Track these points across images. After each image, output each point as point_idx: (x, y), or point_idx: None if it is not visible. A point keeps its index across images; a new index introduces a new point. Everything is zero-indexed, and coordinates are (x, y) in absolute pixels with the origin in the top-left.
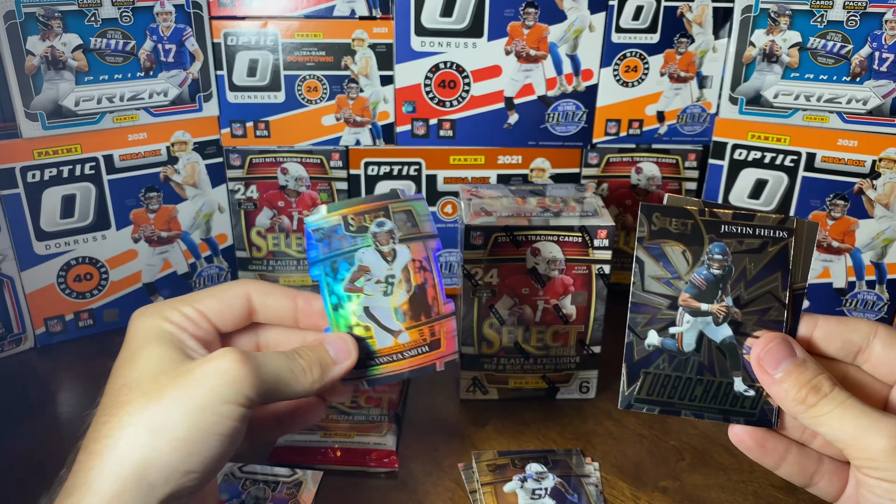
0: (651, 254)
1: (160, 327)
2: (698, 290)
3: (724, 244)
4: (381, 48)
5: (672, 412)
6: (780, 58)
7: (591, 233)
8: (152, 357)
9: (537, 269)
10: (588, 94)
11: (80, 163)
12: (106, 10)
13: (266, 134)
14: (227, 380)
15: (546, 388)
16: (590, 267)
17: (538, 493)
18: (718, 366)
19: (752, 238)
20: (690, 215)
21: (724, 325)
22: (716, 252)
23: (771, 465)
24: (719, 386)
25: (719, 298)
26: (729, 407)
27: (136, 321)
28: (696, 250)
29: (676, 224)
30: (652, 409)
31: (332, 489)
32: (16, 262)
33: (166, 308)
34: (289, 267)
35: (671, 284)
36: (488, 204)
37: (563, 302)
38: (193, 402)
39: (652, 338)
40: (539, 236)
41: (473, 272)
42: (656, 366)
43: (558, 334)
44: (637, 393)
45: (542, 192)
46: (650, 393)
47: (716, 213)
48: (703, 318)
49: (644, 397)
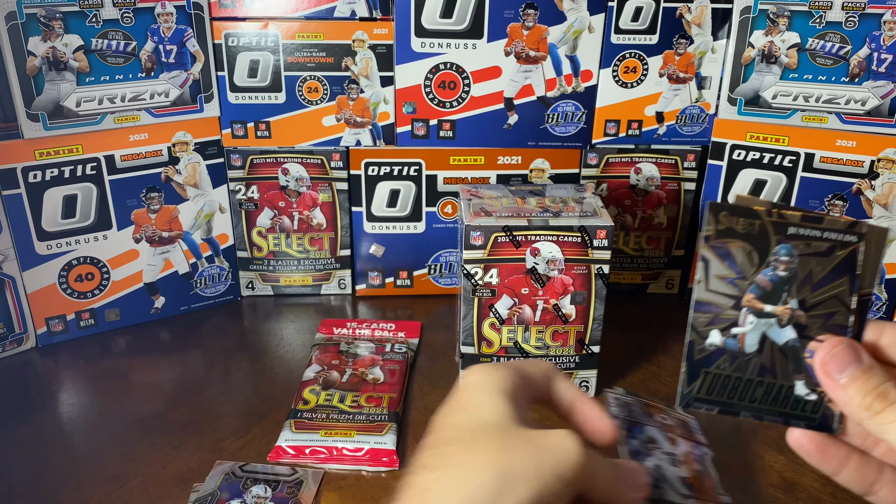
0: (717, 253)
1: (500, 382)
2: (763, 291)
3: (792, 246)
4: (382, 49)
5: (731, 413)
6: (779, 58)
7: (591, 233)
8: (496, 406)
9: (537, 269)
10: (587, 94)
11: (81, 163)
12: (107, 10)
13: (267, 134)
14: (570, 462)
15: None
16: (589, 267)
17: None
18: (780, 368)
19: (820, 241)
20: (758, 216)
21: (787, 328)
22: (782, 254)
23: (830, 470)
24: (780, 389)
25: (784, 300)
26: (789, 410)
27: (476, 374)
28: (762, 251)
29: (743, 224)
30: (711, 408)
31: (332, 488)
32: (17, 261)
33: (502, 367)
34: (289, 267)
35: (736, 284)
36: (488, 204)
37: (562, 302)
38: (540, 468)
39: (714, 337)
40: (539, 236)
41: (473, 272)
42: (717, 366)
43: (558, 334)
44: (697, 392)
45: (541, 192)
46: (710, 393)
47: (784, 215)
48: (766, 320)
49: (703, 397)
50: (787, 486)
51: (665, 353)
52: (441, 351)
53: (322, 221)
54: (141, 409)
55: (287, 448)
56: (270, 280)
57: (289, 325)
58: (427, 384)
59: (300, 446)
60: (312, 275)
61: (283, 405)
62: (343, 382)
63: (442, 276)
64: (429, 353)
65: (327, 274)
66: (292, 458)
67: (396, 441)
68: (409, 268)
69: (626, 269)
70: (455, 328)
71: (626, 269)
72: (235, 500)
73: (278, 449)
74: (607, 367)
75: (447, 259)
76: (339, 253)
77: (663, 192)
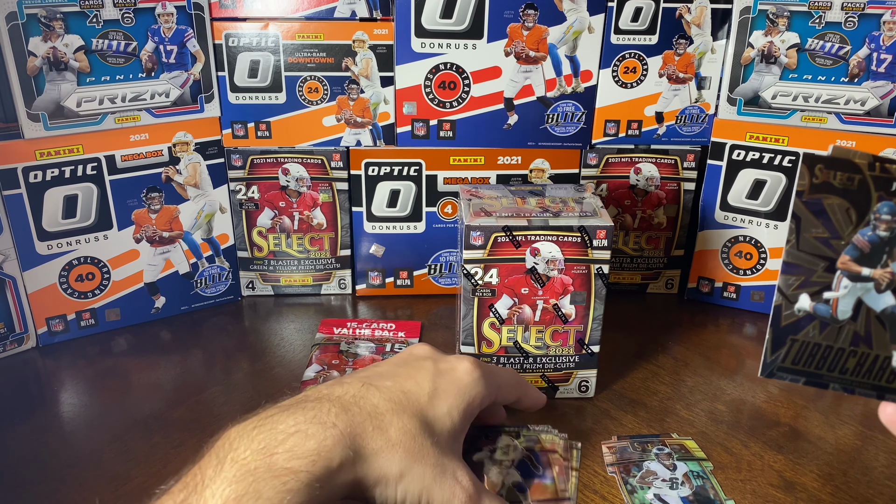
0: (810, 209)
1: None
2: (861, 252)
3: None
4: (382, 49)
5: (819, 384)
6: (779, 59)
7: (590, 233)
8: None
9: (536, 269)
10: (587, 95)
11: (81, 163)
12: (107, 11)
13: (267, 135)
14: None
15: (545, 387)
16: (589, 267)
17: (505, 465)
18: (876, 337)
19: None
20: (858, 169)
21: (887, 293)
22: (884, 212)
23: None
24: (875, 359)
25: (884, 263)
26: (885, 384)
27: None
28: (861, 209)
29: (841, 178)
30: (796, 379)
31: None
32: (18, 261)
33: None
34: (289, 267)
35: (830, 245)
36: (488, 204)
37: (562, 301)
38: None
39: (803, 302)
40: (538, 236)
41: (473, 272)
42: (805, 333)
43: (557, 333)
44: (782, 361)
45: (541, 192)
46: (796, 362)
47: (887, 169)
48: (863, 284)
49: (789, 366)
50: (787, 486)
51: (665, 353)
52: (441, 351)
53: (322, 221)
54: (141, 409)
55: None
56: (271, 280)
57: (289, 325)
58: None
59: None
60: (313, 275)
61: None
62: None
63: (442, 276)
64: None
65: (327, 274)
66: None
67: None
68: (409, 268)
69: (626, 269)
70: (455, 328)
71: (625, 269)
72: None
73: None
74: (607, 366)
75: (447, 259)
76: (339, 253)
77: (663, 193)
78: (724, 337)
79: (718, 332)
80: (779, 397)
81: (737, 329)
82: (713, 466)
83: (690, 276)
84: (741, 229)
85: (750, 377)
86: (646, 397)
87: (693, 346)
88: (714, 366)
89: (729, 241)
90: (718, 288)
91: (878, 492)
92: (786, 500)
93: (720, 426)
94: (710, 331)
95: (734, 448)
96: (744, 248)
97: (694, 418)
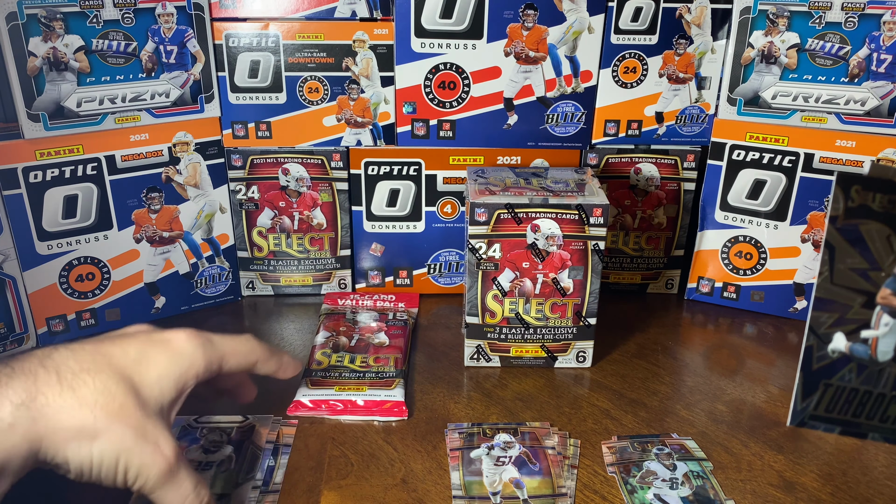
0: (845, 237)
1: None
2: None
3: None
4: (382, 49)
5: (856, 434)
6: (779, 59)
7: (587, 211)
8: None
9: (537, 245)
10: (587, 95)
11: (81, 163)
12: (108, 11)
13: (267, 135)
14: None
15: (545, 357)
16: (586, 243)
17: (502, 461)
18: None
19: None
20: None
21: None
22: None
23: None
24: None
25: None
26: None
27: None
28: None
29: (881, 201)
30: (830, 428)
31: (332, 488)
32: (18, 261)
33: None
34: (289, 267)
35: (868, 277)
36: (493, 183)
37: (560, 275)
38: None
39: (838, 342)
40: (539, 213)
41: (478, 246)
42: (841, 377)
43: (556, 306)
44: (814, 408)
45: (543, 174)
46: (830, 409)
47: None
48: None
49: (822, 414)
50: (787, 486)
51: (665, 353)
52: (442, 351)
53: (322, 221)
54: None
55: (306, 402)
56: (271, 280)
57: (289, 325)
58: (427, 384)
59: (318, 400)
60: (313, 275)
61: (284, 404)
62: (352, 346)
63: (441, 275)
64: (429, 354)
65: (328, 274)
66: (310, 411)
67: (404, 394)
68: (409, 267)
69: (626, 269)
70: (455, 328)
71: (625, 269)
72: (194, 445)
73: (297, 403)
74: (607, 366)
75: (447, 259)
76: (339, 253)
77: (663, 193)
78: (724, 337)
79: (718, 332)
80: (779, 397)
81: (737, 329)
82: (713, 466)
83: (690, 276)
84: (741, 229)
85: (750, 377)
86: (646, 397)
87: (693, 346)
88: (714, 366)
89: (729, 241)
90: (718, 288)
91: (878, 492)
92: (786, 500)
93: (720, 426)
94: (710, 331)
95: (734, 448)
96: (744, 249)
97: (694, 418)
